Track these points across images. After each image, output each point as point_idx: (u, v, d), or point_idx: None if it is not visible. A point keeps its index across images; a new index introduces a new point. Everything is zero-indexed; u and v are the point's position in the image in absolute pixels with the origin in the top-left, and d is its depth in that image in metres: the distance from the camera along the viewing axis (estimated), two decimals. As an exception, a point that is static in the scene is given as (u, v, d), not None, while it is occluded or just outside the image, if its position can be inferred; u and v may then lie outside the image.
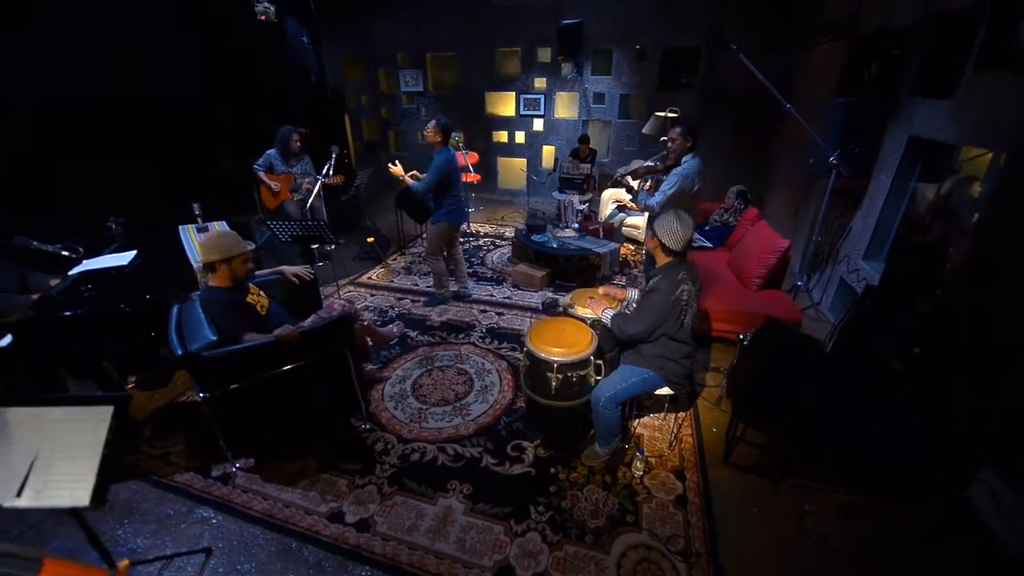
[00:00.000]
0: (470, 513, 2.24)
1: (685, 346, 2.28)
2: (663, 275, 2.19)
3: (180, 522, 2.25)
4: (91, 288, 2.53)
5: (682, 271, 2.17)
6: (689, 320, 2.21)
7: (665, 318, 2.18)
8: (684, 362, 2.30)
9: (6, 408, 1.56)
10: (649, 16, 6.16)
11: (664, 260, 2.24)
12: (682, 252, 2.20)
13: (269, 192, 4.77)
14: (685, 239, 2.14)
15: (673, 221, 2.15)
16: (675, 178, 3.01)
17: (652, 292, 2.20)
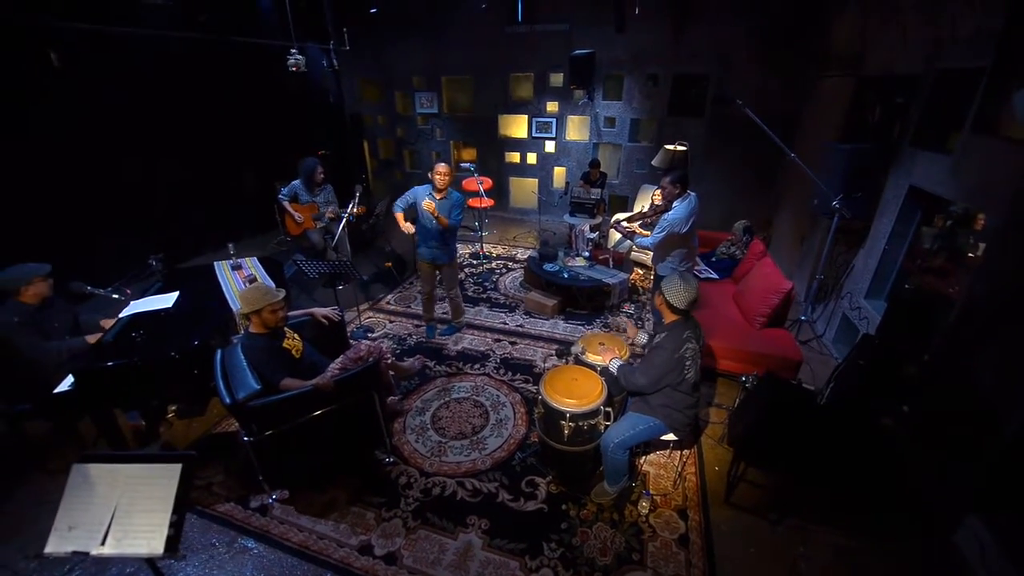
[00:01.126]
0: (488, 548, 2.43)
1: (689, 398, 2.45)
2: (669, 333, 2.37)
3: (224, 551, 2.47)
4: (142, 333, 2.76)
5: (687, 330, 2.35)
6: (693, 375, 2.37)
7: (669, 373, 2.35)
8: (688, 412, 2.47)
9: (88, 464, 1.79)
10: (660, 44, 6.30)
11: (670, 318, 2.41)
12: (686, 311, 2.37)
13: (293, 221, 5.00)
14: (689, 299, 2.31)
15: (678, 282, 2.33)
16: (665, 223, 3.31)
17: (658, 349, 2.37)
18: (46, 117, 4.45)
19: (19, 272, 2.71)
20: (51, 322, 2.89)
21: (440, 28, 7.21)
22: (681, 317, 2.38)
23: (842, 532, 2.52)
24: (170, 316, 2.97)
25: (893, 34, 3.77)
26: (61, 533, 1.70)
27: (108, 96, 4.92)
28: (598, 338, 2.93)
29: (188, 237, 5.77)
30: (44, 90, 4.41)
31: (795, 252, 5.21)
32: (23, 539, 2.57)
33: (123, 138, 5.09)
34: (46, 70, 4.35)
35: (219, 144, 6.14)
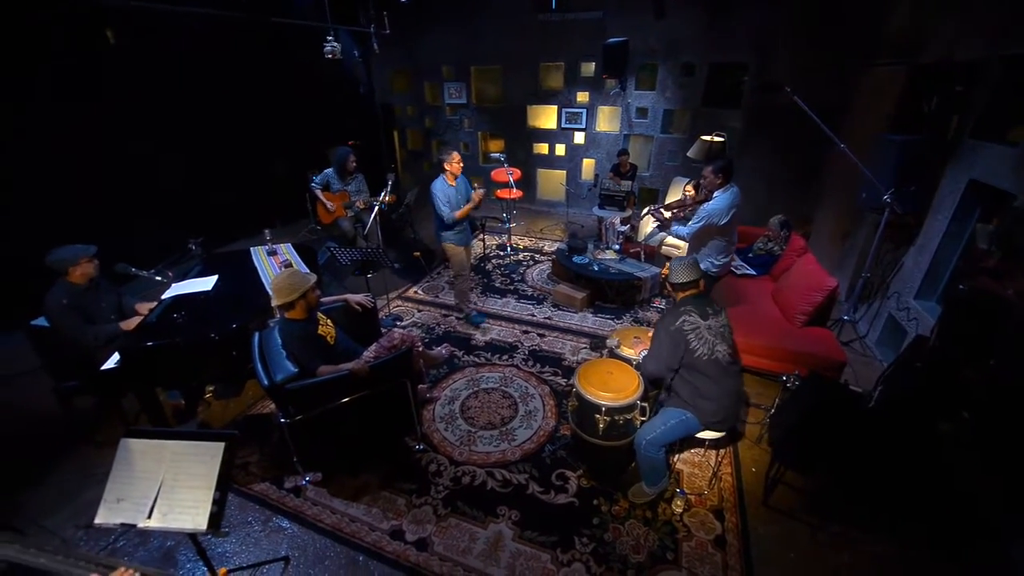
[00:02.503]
0: (519, 540, 2.41)
1: (712, 384, 2.31)
2: (669, 309, 2.39)
3: (260, 529, 2.52)
4: (183, 315, 2.82)
5: (687, 304, 2.33)
6: (704, 351, 2.25)
7: (671, 350, 2.30)
8: (722, 401, 2.34)
9: (135, 439, 1.83)
10: (697, 32, 6.10)
11: (677, 299, 2.43)
12: (684, 284, 2.36)
13: (324, 209, 5.05)
14: (677, 273, 2.35)
15: (675, 262, 2.39)
16: (703, 213, 3.22)
17: (656, 327, 2.41)
18: (99, 98, 4.60)
19: (67, 252, 2.80)
20: (98, 303, 2.99)
21: (471, 17, 7.15)
22: (684, 295, 2.38)
23: (888, 540, 2.41)
24: (210, 299, 3.04)
25: (954, 18, 3.54)
26: (110, 505, 1.75)
27: (155, 78, 5.05)
28: (632, 332, 2.86)
29: (222, 223, 5.90)
30: (99, 70, 4.55)
31: (836, 249, 5.00)
32: (71, 508, 2.68)
33: (167, 122, 5.22)
34: (102, 49, 4.46)
35: (254, 130, 6.25)
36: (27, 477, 2.85)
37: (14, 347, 3.80)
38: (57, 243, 2.86)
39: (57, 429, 3.14)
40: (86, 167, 4.53)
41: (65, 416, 3.01)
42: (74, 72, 4.41)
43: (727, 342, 2.33)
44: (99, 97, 4.62)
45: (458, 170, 3.89)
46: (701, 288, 2.41)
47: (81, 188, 4.46)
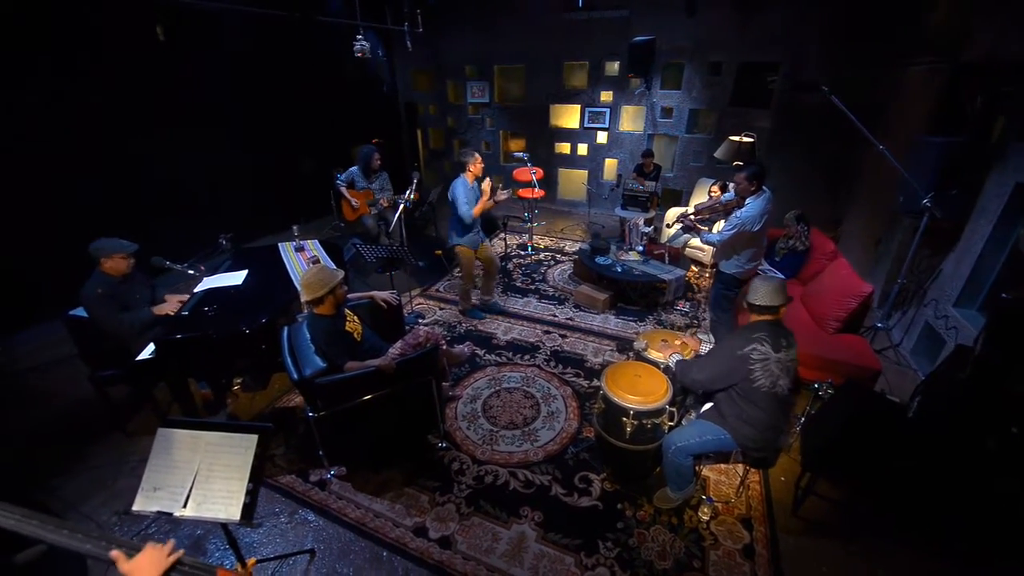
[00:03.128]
0: (542, 541, 2.40)
1: (764, 415, 2.22)
2: (741, 331, 2.24)
3: (287, 521, 2.56)
4: (215, 308, 2.88)
5: (762, 331, 2.15)
6: (766, 383, 2.14)
7: (728, 372, 2.20)
8: (766, 433, 2.25)
9: (171, 429, 1.87)
10: (726, 30, 5.99)
11: (750, 318, 2.26)
12: (764, 308, 2.18)
13: (349, 206, 5.11)
14: (764, 295, 2.16)
15: (761, 279, 2.21)
16: (736, 220, 3.13)
17: (720, 344, 2.26)
18: (143, 96, 4.73)
19: (108, 244, 2.87)
20: (132, 294, 3.06)
21: (495, 16, 7.15)
22: (760, 319, 2.20)
23: (925, 556, 2.32)
24: (240, 293, 3.09)
25: (1001, 15, 3.40)
26: (147, 493, 1.78)
27: (192, 76, 5.16)
28: (660, 335, 2.82)
29: (249, 219, 6.01)
30: (144, 68, 4.69)
31: (868, 254, 4.85)
32: (106, 494, 2.75)
33: (199, 119, 5.34)
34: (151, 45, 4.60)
35: (280, 127, 6.35)
36: (63, 463, 2.94)
37: (52, 336, 3.95)
38: (95, 236, 2.93)
39: (91, 416, 3.23)
40: (124, 162, 4.65)
41: (101, 404, 3.09)
42: (122, 70, 4.54)
43: (790, 376, 2.20)
44: (143, 95, 4.74)
45: (479, 171, 3.95)
46: (780, 315, 2.21)
47: (118, 183, 4.59)
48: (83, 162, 4.34)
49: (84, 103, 4.32)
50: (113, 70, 4.49)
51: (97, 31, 4.32)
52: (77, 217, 4.07)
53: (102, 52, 4.38)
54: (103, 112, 4.45)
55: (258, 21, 5.37)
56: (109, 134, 4.51)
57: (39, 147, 4.07)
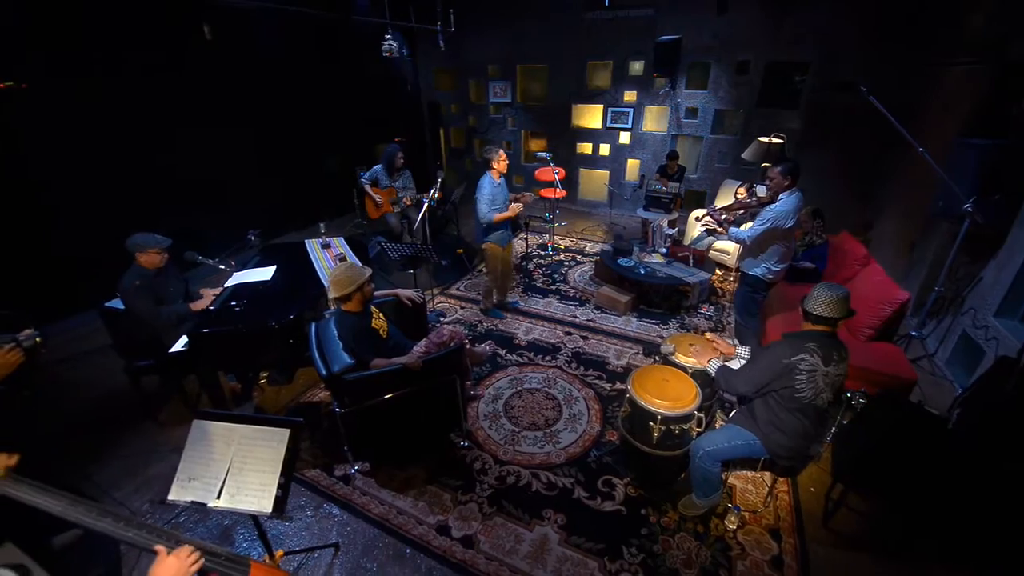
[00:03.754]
0: (565, 544, 2.38)
1: (799, 424, 2.16)
2: (789, 338, 2.14)
3: (312, 515, 2.59)
4: (245, 303, 2.93)
5: (813, 341, 2.06)
6: (809, 394, 2.08)
7: (772, 379, 2.12)
8: (798, 441, 2.19)
9: (206, 421, 1.90)
10: (755, 28, 5.87)
11: (804, 327, 2.16)
12: (821, 319, 2.07)
13: (372, 204, 5.15)
14: (827, 305, 2.04)
15: (824, 287, 2.09)
16: (770, 214, 3.05)
17: (767, 350, 2.17)
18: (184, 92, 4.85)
19: (144, 239, 2.95)
20: (166, 287, 3.14)
21: (518, 16, 7.13)
22: (814, 328, 2.11)
23: (962, 574, 2.24)
24: (269, 288, 3.14)
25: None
26: (182, 483, 1.82)
27: (230, 73, 5.27)
28: (687, 338, 2.77)
29: (275, 215, 6.11)
30: (187, 64, 4.81)
31: (901, 259, 4.71)
32: (137, 482, 2.83)
33: (230, 116, 5.44)
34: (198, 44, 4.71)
35: (305, 125, 6.43)
36: (97, 450, 3.02)
37: (88, 326, 4.07)
38: (129, 230, 3.01)
39: (124, 405, 3.32)
40: (158, 159, 4.76)
41: (134, 394, 3.18)
42: (163, 68, 4.66)
43: (834, 391, 2.13)
44: (180, 92, 4.84)
45: (504, 168, 3.93)
46: (836, 328, 2.11)
47: (152, 178, 4.69)
48: (120, 158, 4.46)
49: (125, 101, 4.43)
50: (155, 68, 4.60)
51: (142, 28, 4.43)
52: (112, 211, 4.19)
53: (145, 49, 4.49)
54: (140, 109, 4.56)
55: (288, 21, 5.45)
56: (145, 131, 4.61)
57: (80, 143, 4.18)
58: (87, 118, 4.19)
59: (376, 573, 2.28)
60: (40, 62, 3.88)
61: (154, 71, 4.60)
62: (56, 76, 3.95)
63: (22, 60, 3.78)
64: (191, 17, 4.54)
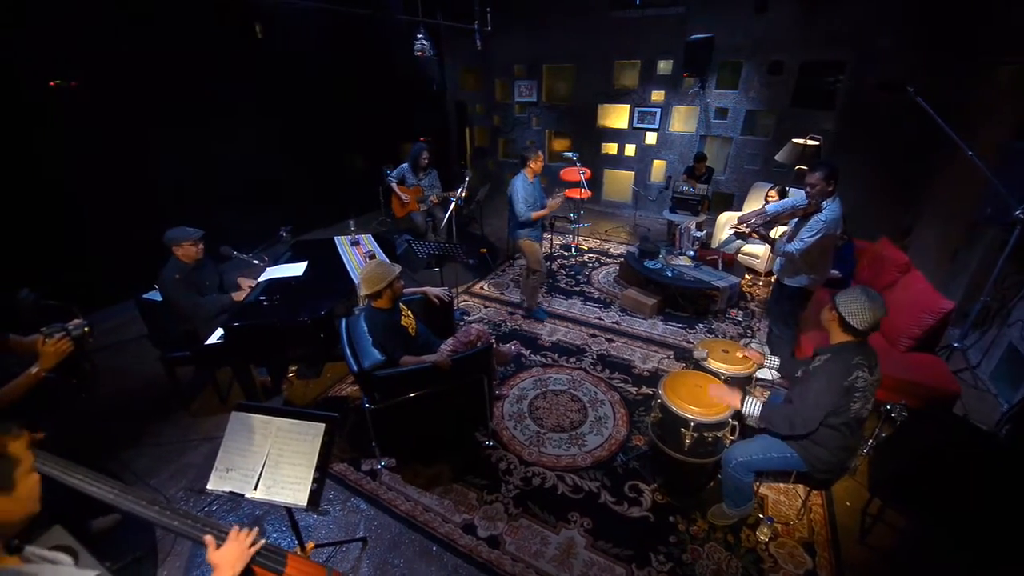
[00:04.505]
0: (591, 549, 2.35)
1: (841, 436, 2.07)
2: (833, 356, 2.03)
3: (340, 508, 2.62)
4: (278, 298, 2.98)
5: (858, 355, 1.97)
6: (859, 408, 2.00)
7: (834, 405, 2.00)
8: (839, 453, 2.11)
9: (244, 413, 1.94)
10: (791, 27, 5.72)
11: (840, 338, 2.06)
12: (864, 332, 2.00)
13: (399, 202, 5.20)
14: (873, 319, 1.94)
15: (862, 297, 1.96)
16: (819, 224, 2.88)
17: (816, 375, 2.04)
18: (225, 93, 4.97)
19: (178, 233, 3.03)
20: (203, 280, 3.22)
21: (546, 15, 7.09)
22: (853, 339, 2.02)
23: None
24: (300, 284, 3.19)
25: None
26: (221, 473, 1.86)
27: (265, 71, 5.38)
28: (720, 344, 2.71)
29: (304, 212, 6.21)
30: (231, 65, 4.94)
31: (942, 267, 4.52)
32: (172, 469, 2.91)
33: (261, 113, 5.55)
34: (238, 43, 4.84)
35: (334, 123, 6.52)
36: (133, 438, 3.12)
37: (126, 316, 4.21)
38: (164, 225, 3.10)
39: (158, 395, 3.42)
40: (193, 154, 4.88)
41: (169, 384, 3.26)
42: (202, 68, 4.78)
43: (873, 398, 2.05)
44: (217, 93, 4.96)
45: (539, 168, 3.96)
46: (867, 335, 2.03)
47: (186, 174, 4.81)
48: (157, 155, 4.58)
49: (164, 99, 4.54)
50: (194, 67, 4.71)
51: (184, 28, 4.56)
52: (148, 207, 4.32)
53: (185, 49, 4.61)
54: (178, 108, 4.67)
55: (319, 19, 5.53)
56: (181, 129, 4.72)
57: (120, 140, 4.31)
58: (127, 116, 4.31)
59: (403, 569, 2.30)
60: (88, 60, 4.00)
61: (193, 70, 4.71)
62: (100, 74, 4.08)
63: (71, 58, 3.91)
64: (232, 17, 4.64)
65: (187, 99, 4.72)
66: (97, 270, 4.19)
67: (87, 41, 3.97)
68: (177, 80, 4.59)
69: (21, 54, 3.61)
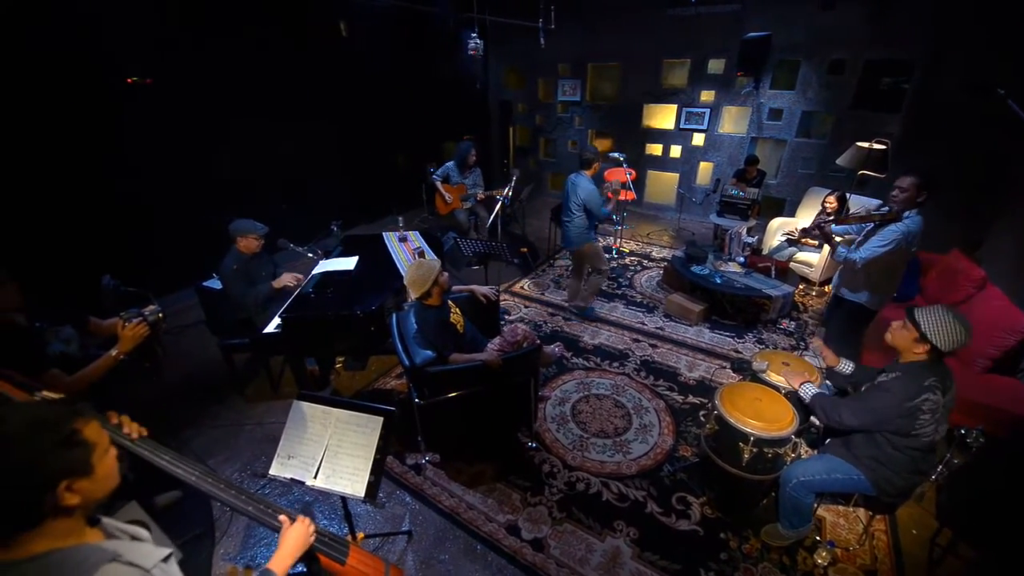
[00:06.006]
0: (638, 560, 2.30)
1: (911, 460, 1.97)
2: (904, 375, 1.92)
3: (385, 500, 2.66)
4: (331, 291, 3.06)
5: (931, 376, 1.87)
6: (930, 433, 1.90)
7: (890, 421, 1.92)
8: (908, 477, 2.00)
9: (305, 403, 1.99)
10: (855, 24, 5.43)
11: (915, 356, 1.94)
12: (946, 354, 1.89)
13: (442, 200, 5.24)
14: (960, 343, 1.83)
15: (948, 316, 1.85)
16: (895, 235, 2.66)
17: (881, 390, 1.95)
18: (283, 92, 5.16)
19: (244, 225, 3.15)
20: (259, 271, 3.33)
21: (597, 12, 6.98)
22: (928, 359, 1.91)
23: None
24: (352, 278, 3.26)
25: None
26: (282, 460, 1.92)
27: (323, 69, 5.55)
28: (780, 356, 2.59)
29: (349, 208, 6.36)
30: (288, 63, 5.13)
31: (1019, 283, 4.19)
32: (228, 451, 3.03)
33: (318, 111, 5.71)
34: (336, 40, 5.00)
35: (381, 121, 6.64)
36: (191, 418, 3.27)
37: (186, 303, 4.43)
38: (227, 216, 3.22)
39: (215, 379, 3.58)
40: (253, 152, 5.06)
41: (225, 369, 3.41)
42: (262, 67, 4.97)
43: (946, 421, 1.95)
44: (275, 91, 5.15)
45: (597, 170, 3.98)
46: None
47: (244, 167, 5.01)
48: (219, 151, 4.78)
49: (230, 96, 4.73)
50: (258, 65, 4.90)
51: (251, 29, 4.75)
52: (209, 199, 4.52)
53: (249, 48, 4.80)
54: (241, 106, 4.86)
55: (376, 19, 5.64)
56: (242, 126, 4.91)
57: (186, 137, 4.52)
58: (193, 112, 4.51)
59: (448, 564, 2.31)
60: (163, 59, 4.21)
61: (254, 70, 4.88)
62: (172, 72, 4.28)
63: (148, 56, 4.12)
64: (319, 17, 4.75)
65: (246, 97, 4.90)
66: (161, 258, 4.42)
67: (165, 40, 4.17)
68: (239, 79, 4.77)
69: (103, 51, 3.82)
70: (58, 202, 3.74)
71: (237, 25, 4.65)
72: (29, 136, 3.53)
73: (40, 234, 3.66)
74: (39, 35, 3.47)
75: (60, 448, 0.88)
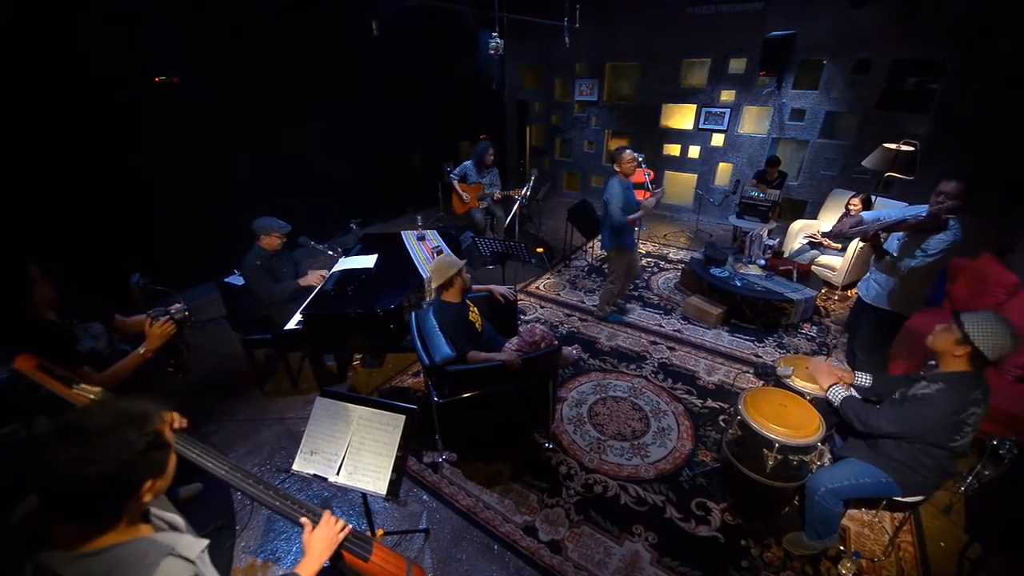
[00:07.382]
0: (657, 565, 2.28)
1: (937, 466, 1.93)
2: (950, 386, 1.86)
3: (402, 497, 2.66)
4: (351, 289, 3.08)
5: (977, 389, 1.81)
6: (967, 442, 1.86)
7: (932, 432, 1.87)
8: (938, 481, 1.97)
9: (328, 399, 2.01)
10: (883, 23, 5.30)
11: (960, 366, 1.88)
12: (991, 363, 1.83)
13: (459, 199, 5.25)
14: (1007, 351, 1.77)
15: (998, 323, 1.79)
16: (944, 244, 2.54)
17: (925, 402, 1.89)
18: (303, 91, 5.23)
19: (268, 222, 3.19)
20: (280, 268, 3.38)
21: (616, 11, 6.93)
22: (971, 368, 1.85)
23: None
24: (372, 276, 3.28)
25: None
26: (305, 456, 1.93)
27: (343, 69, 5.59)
28: (805, 361, 2.54)
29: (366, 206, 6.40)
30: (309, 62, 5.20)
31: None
32: (248, 446, 3.07)
33: (334, 109, 5.76)
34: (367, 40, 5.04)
35: (399, 120, 6.67)
36: (212, 413, 3.32)
37: (206, 298, 4.49)
38: (245, 214, 3.26)
39: (235, 374, 3.63)
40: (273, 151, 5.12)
41: (246, 364, 3.45)
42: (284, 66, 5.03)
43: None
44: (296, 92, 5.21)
45: (630, 171, 3.85)
46: None
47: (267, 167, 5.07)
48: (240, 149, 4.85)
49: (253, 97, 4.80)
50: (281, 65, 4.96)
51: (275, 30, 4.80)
52: (231, 196, 4.58)
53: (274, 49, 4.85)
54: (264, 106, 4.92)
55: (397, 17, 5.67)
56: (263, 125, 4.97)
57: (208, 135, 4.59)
58: (216, 110, 4.58)
59: (465, 564, 2.31)
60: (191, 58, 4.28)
61: (276, 69, 4.94)
62: (197, 71, 4.35)
63: (174, 56, 4.19)
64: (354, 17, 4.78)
65: (268, 95, 4.96)
66: (183, 253, 4.50)
67: (192, 39, 4.24)
68: (263, 79, 4.83)
69: (131, 51, 3.90)
70: (86, 201, 3.82)
71: (262, 25, 4.70)
72: (60, 137, 3.61)
73: (69, 232, 3.74)
74: (69, 38, 3.54)
75: (149, 451, 0.89)
